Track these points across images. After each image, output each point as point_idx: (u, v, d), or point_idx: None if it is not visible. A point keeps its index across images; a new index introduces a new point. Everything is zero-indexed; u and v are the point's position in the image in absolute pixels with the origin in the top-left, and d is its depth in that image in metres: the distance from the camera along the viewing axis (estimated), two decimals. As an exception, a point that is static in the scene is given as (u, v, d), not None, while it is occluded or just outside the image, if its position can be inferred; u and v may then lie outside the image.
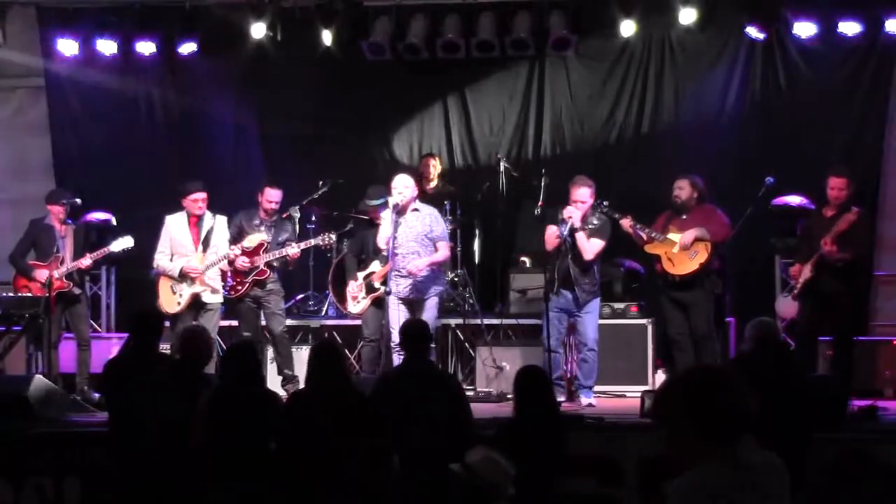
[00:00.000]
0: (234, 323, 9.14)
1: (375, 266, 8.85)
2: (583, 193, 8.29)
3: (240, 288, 8.85)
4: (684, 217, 8.45)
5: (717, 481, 2.78)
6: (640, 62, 10.11)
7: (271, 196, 8.91)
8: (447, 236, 8.54)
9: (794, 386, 6.15)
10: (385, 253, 8.51)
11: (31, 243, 9.08)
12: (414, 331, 6.28)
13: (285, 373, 8.85)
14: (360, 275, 8.93)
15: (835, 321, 8.25)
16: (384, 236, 8.28)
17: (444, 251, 8.39)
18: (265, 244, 8.78)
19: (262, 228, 8.89)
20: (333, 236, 8.99)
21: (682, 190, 8.46)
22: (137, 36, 10.25)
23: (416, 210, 8.30)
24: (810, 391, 6.41)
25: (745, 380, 2.86)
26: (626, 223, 8.42)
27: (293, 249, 8.73)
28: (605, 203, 8.45)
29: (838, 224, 8.02)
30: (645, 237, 8.46)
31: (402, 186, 8.25)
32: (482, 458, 4.52)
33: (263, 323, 9.02)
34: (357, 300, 8.93)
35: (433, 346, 6.40)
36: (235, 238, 8.91)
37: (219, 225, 8.85)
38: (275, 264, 8.85)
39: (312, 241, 8.94)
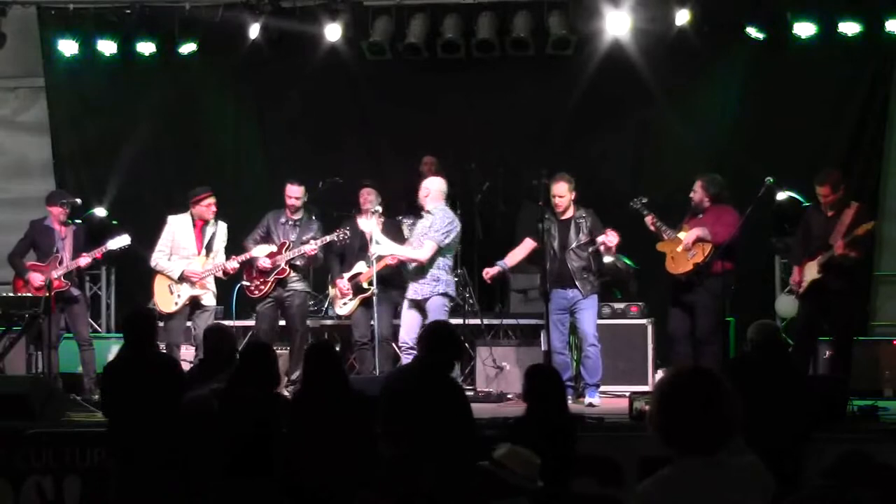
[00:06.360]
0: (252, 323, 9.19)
1: (361, 267, 8.84)
2: (561, 188, 8.40)
3: (263, 287, 8.89)
4: (700, 216, 8.49)
5: (680, 484, 2.77)
6: (640, 62, 10.09)
7: (290, 192, 8.94)
8: (438, 239, 8.36)
9: (793, 387, 6.15)
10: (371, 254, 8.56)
11: (30, 244, 9.08)
12: (424, 332, 6.16)
13: (290, 377, 8.81)
14: (346, 275, 8.94)
15: (837, 320, 8.22)
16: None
17: (418, 251, 8.31)
18: (279, 250, 8.80)
19: (288, 227, 8.94)
20: (348, 231, 8.88)
21: (696, 193, 8.49)
22: (137, 36, 10.27)
23: (428, 212, 8.36)
24: (810, 392, 6.41)
25: (728, 386, 2.83)
26: (649, 220, 8.53)
27: (310, 246, 8.74)
28: (644, 200, 8.61)
29: (844, 223, 7.98)
30: (656, 233, 8.55)
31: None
32: (508, 452, 4.55)
33: (282, 323, 9.04)
34: (345, 302, 8.93)
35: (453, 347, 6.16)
36: (264, 237, 8.98)
37: (220, 230, 8.93)
38: (297, 263, 8.88)
39: (328, 238, 8.86)
